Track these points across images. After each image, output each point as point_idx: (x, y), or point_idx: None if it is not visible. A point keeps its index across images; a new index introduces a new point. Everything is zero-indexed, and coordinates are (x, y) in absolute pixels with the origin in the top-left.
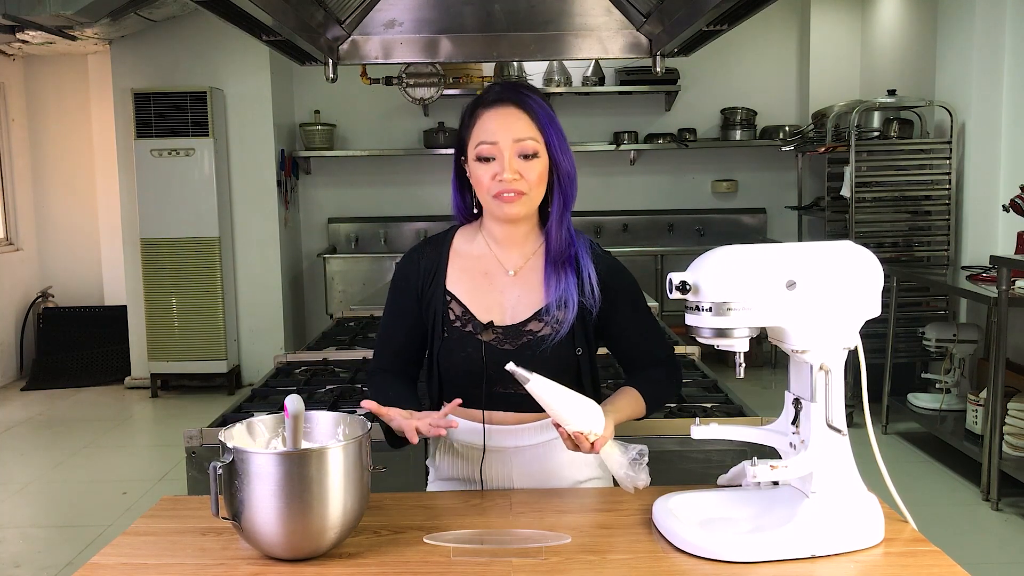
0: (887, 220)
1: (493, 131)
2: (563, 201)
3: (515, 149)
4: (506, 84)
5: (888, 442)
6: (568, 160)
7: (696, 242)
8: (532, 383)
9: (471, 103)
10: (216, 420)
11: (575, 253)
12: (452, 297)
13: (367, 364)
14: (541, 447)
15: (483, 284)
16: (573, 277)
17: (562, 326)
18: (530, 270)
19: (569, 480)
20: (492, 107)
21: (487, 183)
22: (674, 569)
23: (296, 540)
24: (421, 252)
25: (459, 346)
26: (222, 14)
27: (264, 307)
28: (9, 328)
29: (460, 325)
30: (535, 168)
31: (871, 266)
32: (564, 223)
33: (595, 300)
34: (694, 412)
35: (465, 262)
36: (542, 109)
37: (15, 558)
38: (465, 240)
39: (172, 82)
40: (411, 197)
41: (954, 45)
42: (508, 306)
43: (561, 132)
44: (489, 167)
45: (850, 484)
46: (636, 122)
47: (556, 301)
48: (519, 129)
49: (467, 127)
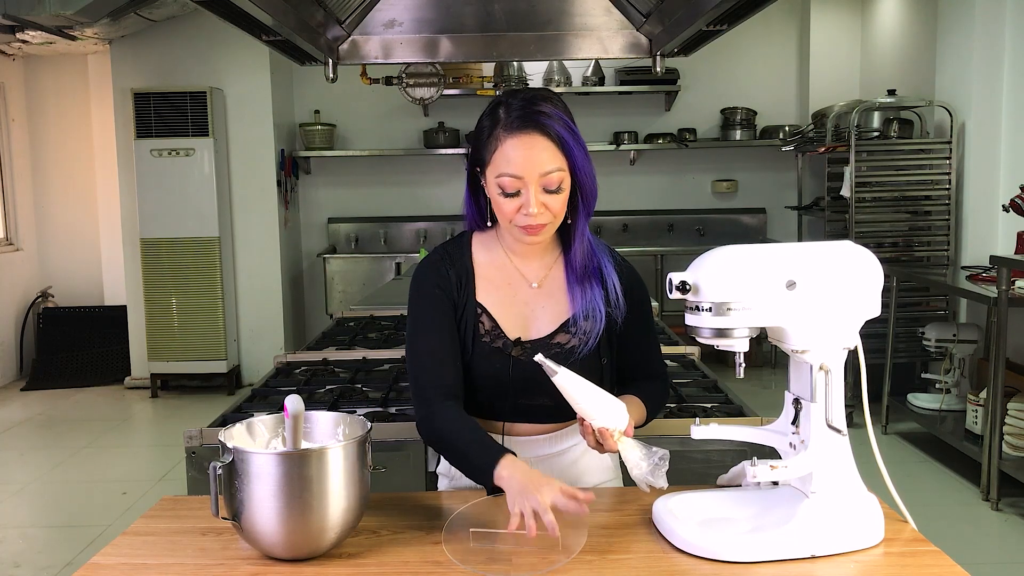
0: (887, 220)
1: (518, 164)
2: (585, 214)
3: (541, 183)
4: (526, 100)
5: (888, 442)
6: (590, 175)
7: (696, 242)
8: (560, 376)
9: (490, 120)
10: (216, 420)
11: (598, 263)
12: (483, 310)
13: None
14: (559, 456)
15: (508, 296)
16: (599, 288)
17: (590, 337)
18: (552, 281)
19: (591, 484)
20: (515, 134)
21: (510, 214)
22: (674, 569)
23: (296, 540)
24: (446, 262)
25: (488, 361)
26: (222, 14)
27: (264, 307)
28: (9, 328)
29: (489, 340)
30: (560, 199)
31: (871, 266)
32: (584, 235)
33: (621, 310)
34: (694, 412)
35: (488, 273)
36: (565, 129)
37: (15, 558)
38: (483, 249)
39: (172, 82)
40: (411, 197)
41: (954, 45)
42: (533, 319)
43: (581, 144)
44: (513, 201)
45: (850, 484)
46: (636, 122)
47: (583, 312)
48: (544, 161)
49: (486, 147)
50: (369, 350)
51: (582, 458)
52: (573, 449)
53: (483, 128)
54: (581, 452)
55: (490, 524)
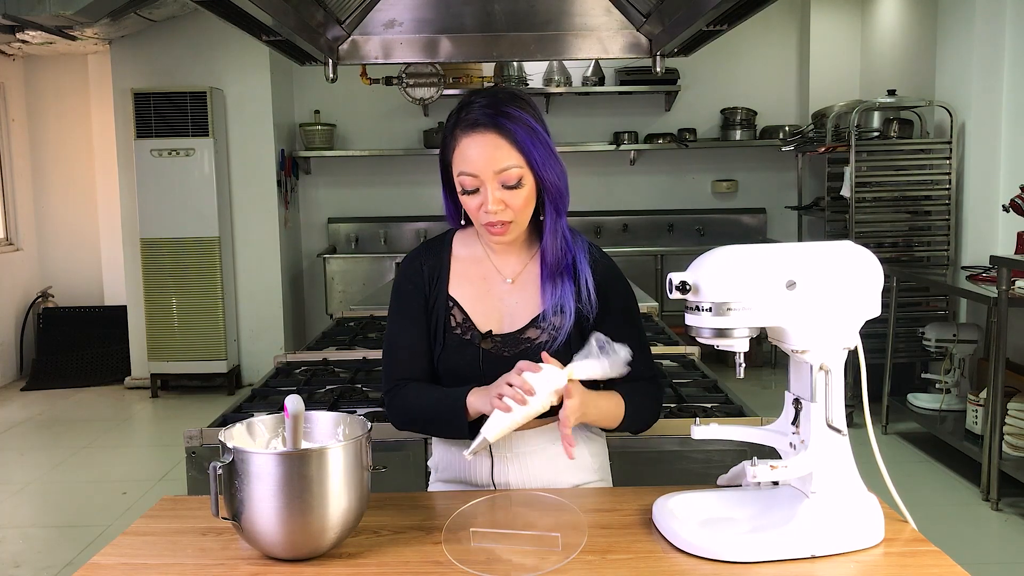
0: (887, 220)
1: (473, 162)
2: (554, 211)
3: (497, 180)
4: (484, 100)
5: (888, 442)
6: (554, 172)
7: (696, 242)
8: (481, 439)
9: (450, 119)
10: (216, 420)
11: (573, 259)
12: (454, 303)
13: (380, 384)
14: (543, 451)
15: (482, 290)
16: (570, 284)
17: (559, 333)
18: (527, 276)
19: (570, 484)
20: (469, 133)
21: (474, 212)
22: (674, 569)
23: (296, 540)
24: (423, 257)
25: (458, 353)
26: (222, 14)
27: (264, 307)
28: (9, 328)
29: (460, 332)
30: (520, 195)
31: (871, 266)
32: (558, 232)
33: (592, 307)
34: (694, 412)
35: (465, 267)
36: (521, 127)
37: (15, 558)
38: (463, 244)
39: (172, 82)
40: (411, 197)
41: (954, 45)
42: (506, 313)
43: (544, 143)
44: (474, 198)
45: (850, 484)
46: (636, 122)
47: (552, 308)
48: (499, 159)
49: (447, 147)
50: (369, 350)
51: (562, 458)
52: (554, 445)
53: (446, 129)
54: (561, 452)
55: (490, 524)
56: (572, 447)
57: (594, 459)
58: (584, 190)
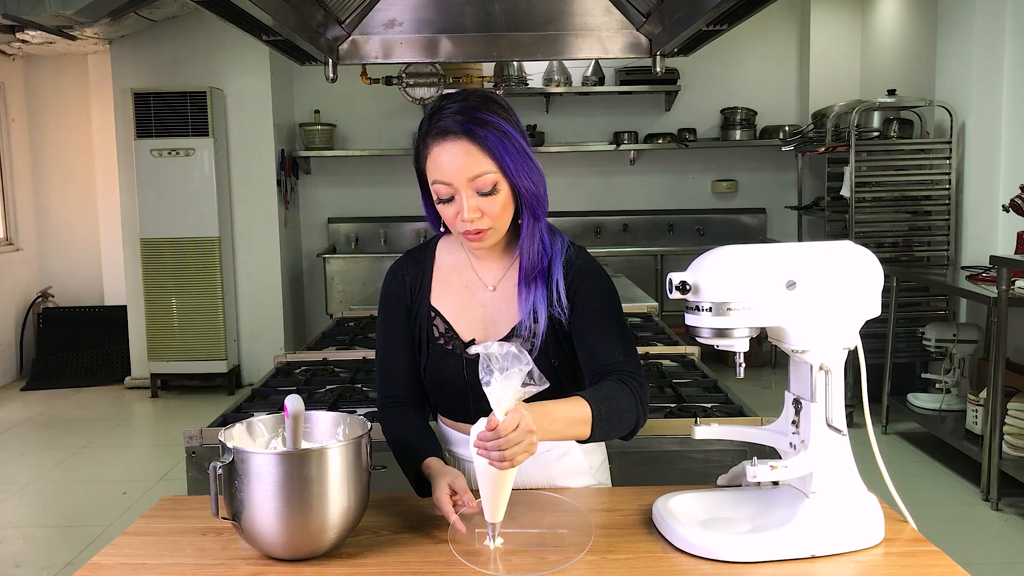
0: (887, 220)
1: (446, 170)
2: (531, 216)
3: (472, 187)
4: (455, 106)
5: (888, 442)
6: (530, 178)
7: (696, 242)
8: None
9: (422, 126)
10: (216, 420)
11: (549, 262)
12: (436, 313)
13: (374, 394)
14: (539, 457)
15: (464, 299)
16: (542, 288)
17: (536, 339)
18: (508, 284)
19: (563, 487)
20: (440, 141)
21: (451, 220)
22: (674, 569)
23: (296, 540)
24: (405, 267)
25: (442, 364)
26: (222, 14)
27: (264, 307)
28: (9, 328)
29: (443, 343)
30: (496, 201)
31: (871, 266)
32: (536, 237)
33: (563, 309)
34: (694, 412)
35: (447, 276)
36: (493, 134)
37: (15, 558)
38: (447, 252)
39: (172, 82)
40: (411, 197)
41: (954, 45)
42: (489, 321)
43: (519, 149)
44: (450, 206)
45: (850, 484)
46: (636, 122)
47: (527, 314)
48: (472, 166)
49: (420, 154)
50: (369, 350)
51: (556, 463)
52: (547, 454)
53: (418, 137)
54: (556, 457)
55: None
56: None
57: (590, 458)
58: (584, 190)
